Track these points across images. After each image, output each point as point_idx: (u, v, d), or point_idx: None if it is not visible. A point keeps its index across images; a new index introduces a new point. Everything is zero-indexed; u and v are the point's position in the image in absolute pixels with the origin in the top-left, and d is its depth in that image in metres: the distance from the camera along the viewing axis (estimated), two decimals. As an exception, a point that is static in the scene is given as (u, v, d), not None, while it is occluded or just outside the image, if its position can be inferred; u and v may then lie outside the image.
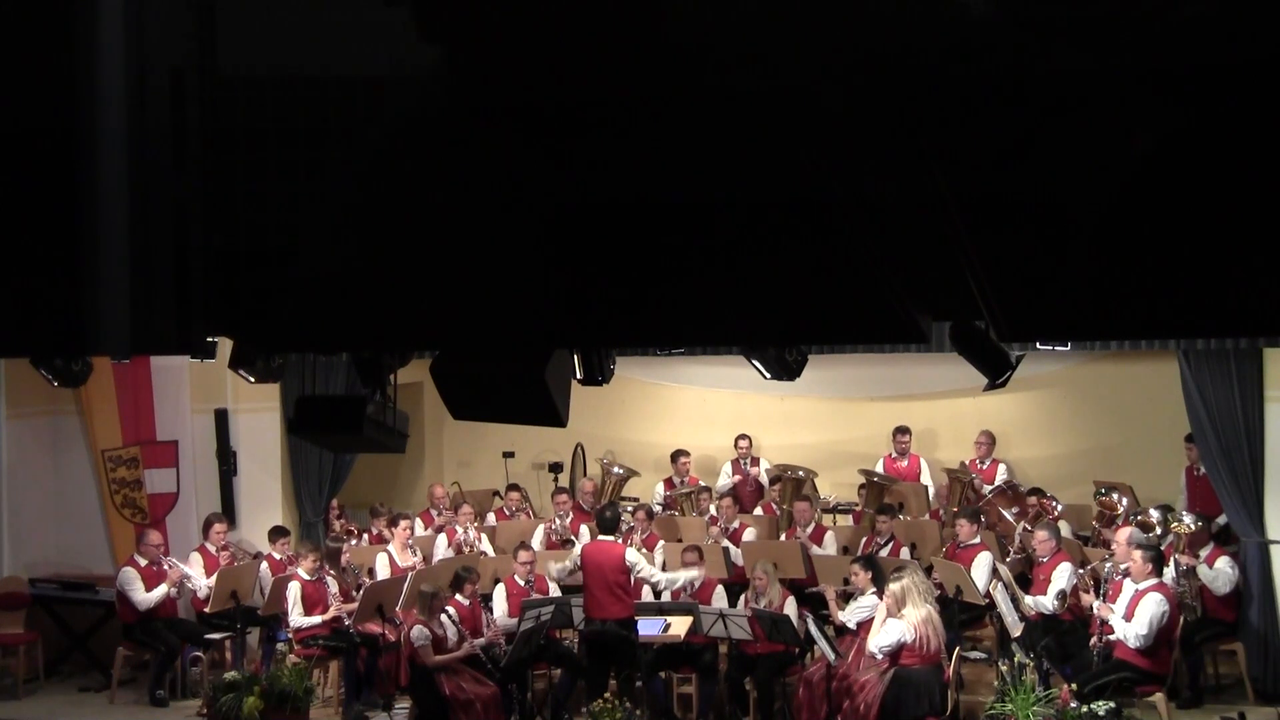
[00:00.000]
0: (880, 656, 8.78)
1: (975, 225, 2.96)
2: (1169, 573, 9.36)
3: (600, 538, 10.08)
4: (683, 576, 9.77)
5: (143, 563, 10.56)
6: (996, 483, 12.19)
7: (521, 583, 10.22)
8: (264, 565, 10.93)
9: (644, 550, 10.74)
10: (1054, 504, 11.24)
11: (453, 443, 14.56)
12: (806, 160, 2.98)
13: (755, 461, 13.12)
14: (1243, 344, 9.44)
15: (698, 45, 2.95)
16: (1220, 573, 9.71)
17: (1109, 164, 2.81)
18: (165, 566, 10.58)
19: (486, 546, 11.59)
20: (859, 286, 3.22)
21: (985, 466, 12.45)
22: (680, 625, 9.56)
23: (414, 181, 3.32)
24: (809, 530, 11.17)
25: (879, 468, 12.52)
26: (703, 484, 12.85)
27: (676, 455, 13.02)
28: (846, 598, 9.81)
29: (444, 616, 9.33)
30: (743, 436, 13.08)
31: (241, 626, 10.50)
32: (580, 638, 9.93)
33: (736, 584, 10.38)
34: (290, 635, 10.24)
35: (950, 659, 9.02)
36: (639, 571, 9.74)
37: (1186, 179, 2.80)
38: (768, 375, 7.35)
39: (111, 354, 9.17)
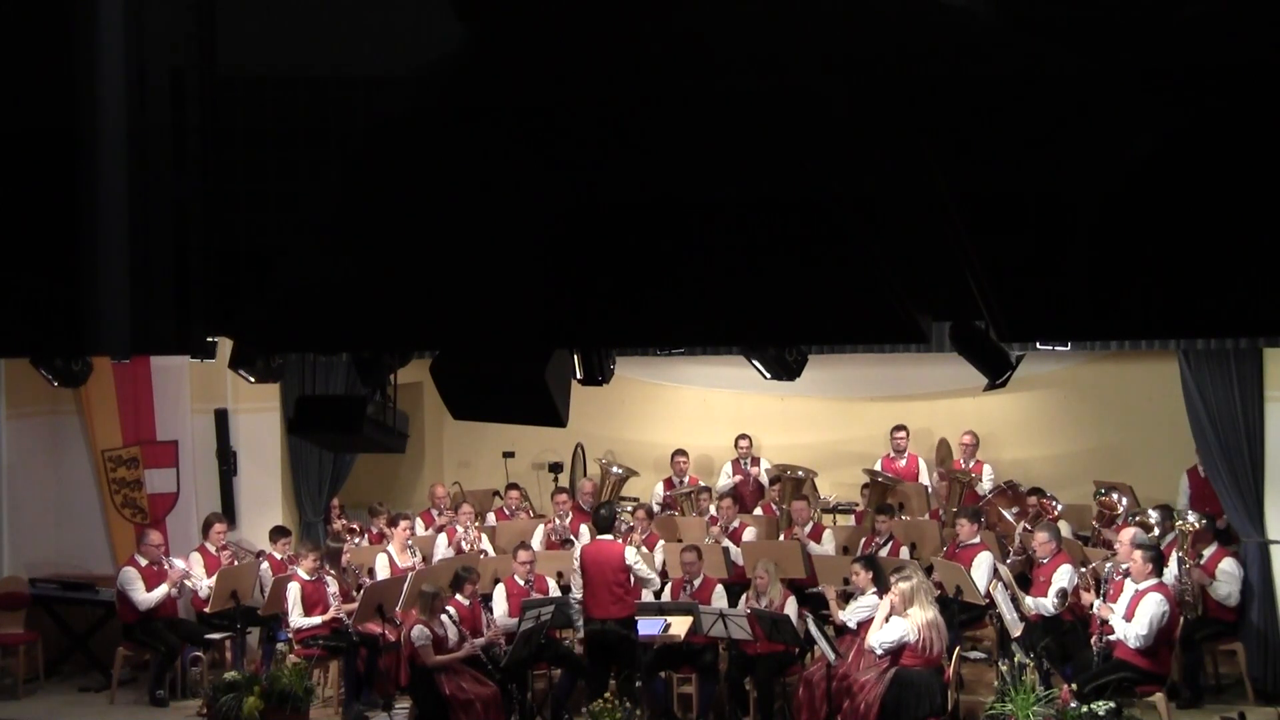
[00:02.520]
0: (880, 653, 8.77)
1: (975, 225, 2.96)
2: (1170, 571, 9.36)
3: (599, 537, 10.10)
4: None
5: (143, 562, 10.56)
6: (984, 483, 12.21)
7: (521, 583, 10.22)
8: (264, 565, 10.93)
9: (644, 550, 10.75)
10: (1054, 504, 11.24)
11: (453, 443, 14.56)
12: (807, 160, 2.99)
13: (755, 461, 13.13)
14: (1243, 344, 9.44)
15: (699, 46, 2.95)
16: (1225, 583, 9.71)
17: (1109, 164, 2.81)
18: (166, 566, 10.58)
19: (487, 546, 11.59)
20: (859, 286, 3.22)
21: (970, 466, 12.45)
22: (680, 625, 9.56)
23: (414, 181, 3.32)
24: (807, 529, 11.18)
25: (878, 468, 12.52)
26: (702, 484, 12.86)
27: (676, 454, 13.03)
28: (846, 597, 9.81)
29: (444, 617, 9.33)
30: (743, 436, 13.08)
31: (241, 626, 10.50)
32: (586, 637, 9.96)
33: (736, 584, 10.38)
34: (290, 635, 10.24)
35: (950, 659, 9.02)
36: (637, 571, 9.79)
37: (1186, 179, 2.80)
38: (768, 375, 7.34)
39: (111, 354, 9.17)
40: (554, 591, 10.31)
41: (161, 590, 10.47)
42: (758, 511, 12.30)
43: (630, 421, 14.17)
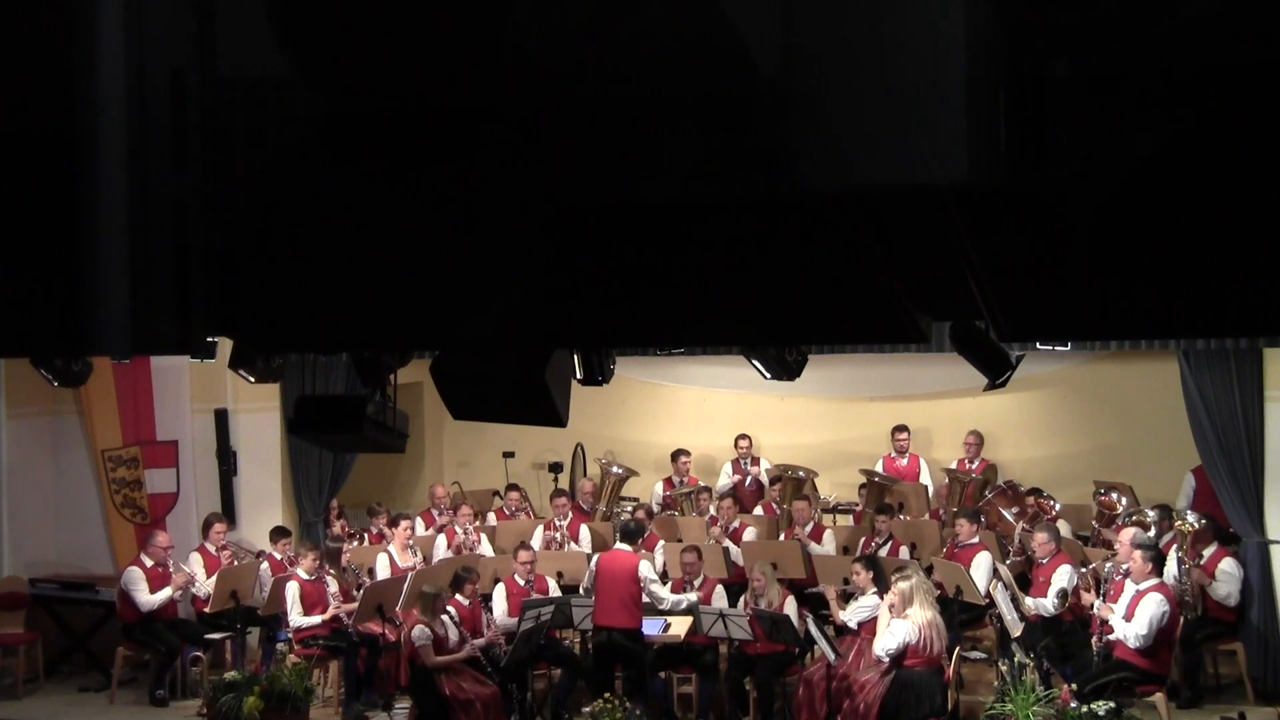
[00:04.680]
0: (885, 659, 8.78)
1: (975, 225, 2.96)
2: (1170, 571, 9.37)
3: (618, 545, 10.06)
4: (685, 600, 9.83)
5: (149, 563, 10.55)
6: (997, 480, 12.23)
7: (521, 583, 10.22)
8: (264, 565, 10.93)
9: (645, 552, 10.75)
10: (1052, 504, 11.25)
11: (453, 443, 14.57)
12: (806, 159, 2.98)
13: (755, 462, 13.13)
14: (1243, 344, 9.44)
15: (700, 45, 2.95)
16: (1225, 583, 9.71)
17: (1109, 164, 2.81)
18: (172, 570, 10.57)
19: (486, 546, 11.59)
20: (859, 286, 3.22)
21: (974, 466, 12.46)
22: (680, 625, 9.57)
23: (414, 180, 3.32)
24: (807, 529, 11.18)
25: (879, 467, 12.53)
26: (702, 484, 12.86)
27: (676, 455, 13.02)
28: (847, 598, 9.81)
29: (444, 617, 9.34)
30: (743, 436, 13.09)
31: (241, 626, 10.50)
32: (586, 642, 9.95)
33: (736, 584, 10.38)
34: (290, 635, 10.24)
35: (950, 659, 9.02)
36: (651, 589, 9.78)
37: (1187, 179, 2.80)
38: (768, 375, 7.34)
39: (111, 354, 9.18)
40: (554, 591, 10.32)
41: (165, 593, 10.46)
42: (758, 511, 12.31)
43: (630, 421, 14.17)
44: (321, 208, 3.43)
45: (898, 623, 8.72)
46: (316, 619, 10.14)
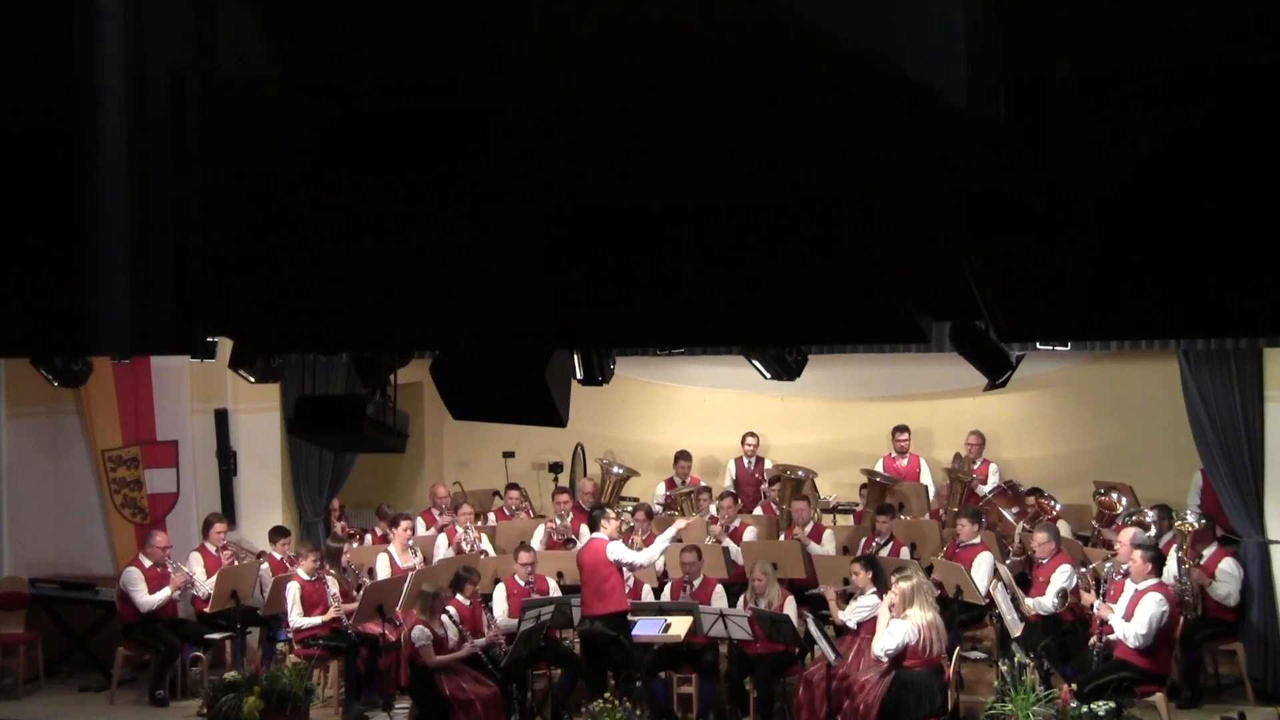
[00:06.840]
0: (884, 659, 8.77)
1: (975, 225, 2.96)
2: (1169, 570, 9.37)
3: (593, 535, 10.14)
4: (662, 540, 9.87)
5: (148, 564, 10.54)
6: (989, 482, 12.22)
7: (521, 583, 10.22)
8: (264, 565, 10.93)
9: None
10: (1052, 504, 11.25)
11: (453, 443, 14.57)
12: (806, 160, 2.99)
13: (760, 463, 13.11)
14: (1243, 344, 9.44)
15: (700, 46, 2.95)
16: (1225, 583, 9.71)
17: (1109, 164, 2.81)
18: (170, 570, 10.57)
19: (487, 546, 11.59)
20: (859, 286, 3.22)
21: (976, 466, 12.46)
22: (680, 625, 9.56)
23: (413, 180, 3.32)
24: (807, 529, 11.18)
25: (879, 467, 12.53)
26: (703, 484, 12.86)
27: (678, 458, 13.03)
28: (846, 598, 9.81)
29: (444, 617, 9.34)
30: (750, 434, 13.09)
31: (241, 626, 10.50)
32: (580, 637, 9.98)
33: (736, 584, 10.38)
34: (290, 635, 10.24)
35: (950, 659, 9.02)
36: (621, 559, 9.81)
37: (1187, 179, 2.80)
38: (768, 375, 7.35)
39: (111, 354, 9.18)
40: (554, 591, 10.32)
41: (164, 594, 10.46)
42: (758, 511, 12.31)
43: (630, 421, 14.17)
44: (321, 207, 3.42)
45: (897, 623, 8.71)
46: (316, 619, 10.14)
